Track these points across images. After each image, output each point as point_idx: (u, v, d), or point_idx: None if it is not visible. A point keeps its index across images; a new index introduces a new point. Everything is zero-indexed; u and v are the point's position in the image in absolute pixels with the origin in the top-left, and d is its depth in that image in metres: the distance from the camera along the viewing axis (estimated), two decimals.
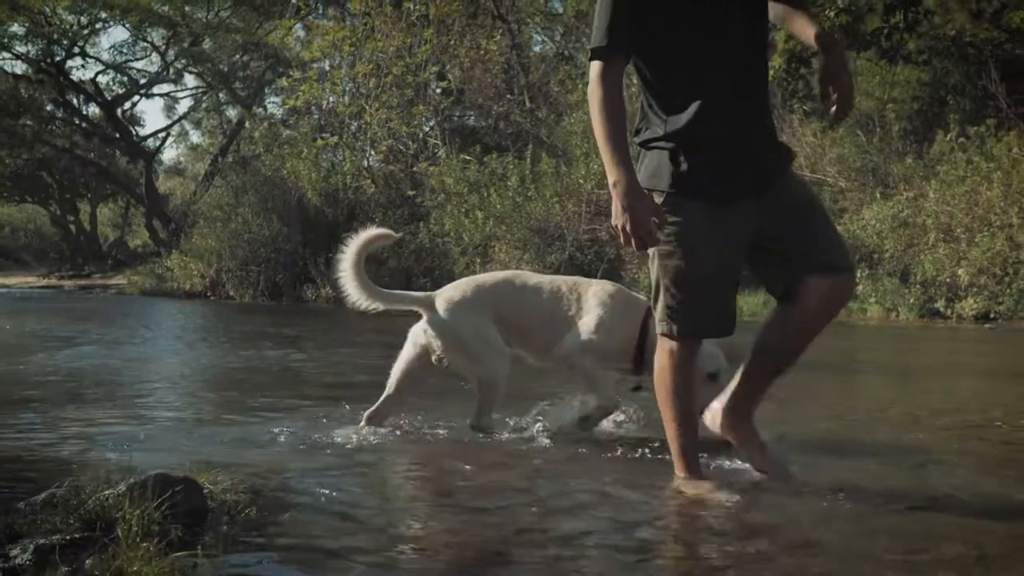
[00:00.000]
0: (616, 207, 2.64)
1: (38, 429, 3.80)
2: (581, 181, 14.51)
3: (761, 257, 2.90)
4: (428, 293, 3.99)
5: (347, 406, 4.22)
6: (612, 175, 2.63)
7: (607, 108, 2.68)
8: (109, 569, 1.51)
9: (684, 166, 2.74)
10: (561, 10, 23.34)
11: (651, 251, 2.81)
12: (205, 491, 2.24)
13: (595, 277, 13.82)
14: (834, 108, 2.79)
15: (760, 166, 2.81)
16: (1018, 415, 4.43)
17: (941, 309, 11.72)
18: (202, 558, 1.68)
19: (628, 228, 2.61)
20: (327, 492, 2.72)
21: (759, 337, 2.98)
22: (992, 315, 11.34)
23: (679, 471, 2.94)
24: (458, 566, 2.16)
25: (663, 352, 2.91)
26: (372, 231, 3.95)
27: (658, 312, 2.89)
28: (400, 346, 3.94)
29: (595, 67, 2.72)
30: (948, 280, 11.71)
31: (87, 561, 1.56)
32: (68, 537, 1.82)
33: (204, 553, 1.76)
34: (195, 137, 43.42)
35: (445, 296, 3.87)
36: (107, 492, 2.03)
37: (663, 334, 2.89)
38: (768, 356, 2.96)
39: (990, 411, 4.56)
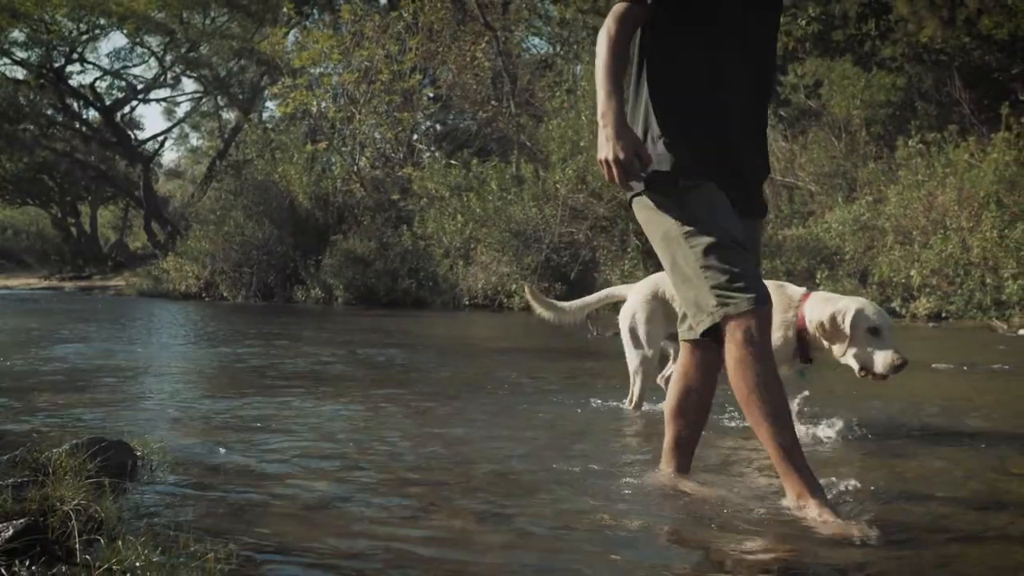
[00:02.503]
0: (601, 139, 2.61)
1: (18, 411, 4.35)
2: (557, 186, 15.02)
3: None
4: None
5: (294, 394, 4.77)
6: (601, 107, 2.62)
7: (616, 46, 2.65)
8: (40, 495, 2.04)
9: (687, 156, 2.69)
10: (554, 13, 23.85)
11: (671, 243, 2.69)
12: (136, 452, 2.79)
13: (569, 278, 14.49)
14: None
15: (752, 192, 2.85)
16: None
17: (897, 308, 12.23)
18: (108, 488, 2.21)
19: (611, 159, 2.56)
20: (240, 456, 3.30)
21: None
22: (943, 314, 11.86)
23: (795, 492, 2.53)
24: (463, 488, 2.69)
25: (734, 342, 2.55)
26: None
27: (706, 302, 2.61)
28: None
29: (618, 6, 2.71)
30: (903, 281, 12.23)
31: (27, 494, 2.09)
32: (19, 480, 2.36)
33: (114, 486, 2.30)
34: (195, 140, 44.13)
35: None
36: (55, 450, 2.57)
37: (728, 316, 2.55)
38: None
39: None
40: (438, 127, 23.11)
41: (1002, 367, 6.67)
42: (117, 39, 37.79)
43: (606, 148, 2.58)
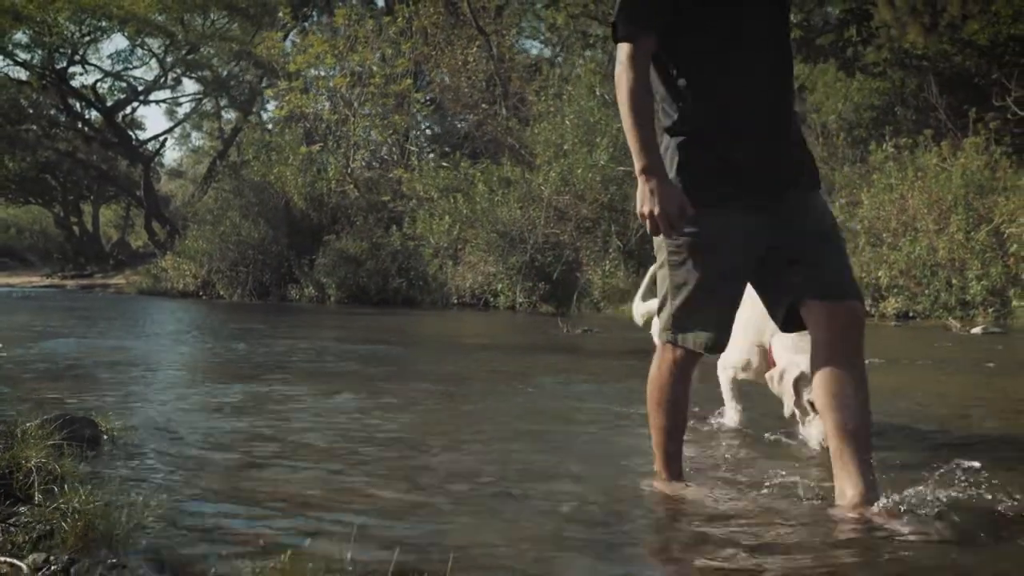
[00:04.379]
0: (643, 193, 2.62)
1: (7, 396, 4.78)
2: (542, 187, 15.44)
3: (769, 277, 2.84)
4: None
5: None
6: (639, 161, 2.62)
7: (636, 92, 2.62)
8: (9, 455, 2.46)
9: (693, 172, 2.72)
10: (549, 17, 24.26)
11: (660, 260, 2.86)
12: (101, 427, 3.22)
13: (552, 278, 14.90)
14: None
15: (777, 170, 2.75)
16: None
17: (867, 308, 12.63)
18: (66, 451, 2.64)
19: (656, 213, 2.60)
20: (197, 434, 3.72)
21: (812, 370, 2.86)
22: (911, 314, 12.25)
23: (663, 474, 2.99)
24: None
25: (665, 361, 2.90)
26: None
27: (663, 320, 2.87)
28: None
29: (624, 49, 2.65)
30: (873, 282, 12.63)
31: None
32: None
33: (74, 451, 2.72)
34: (197, 140, 44.61)
35: None
36: (27, 424, 2.99)
37: (668, 342, 2.87)
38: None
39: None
40: (432, 129, 23.55)
41: (877, 361, 6.87)
42: (118, 41, 38.33)
43: (650, 202, 2.60)
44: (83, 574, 1.49)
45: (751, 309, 3.90)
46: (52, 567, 1.65)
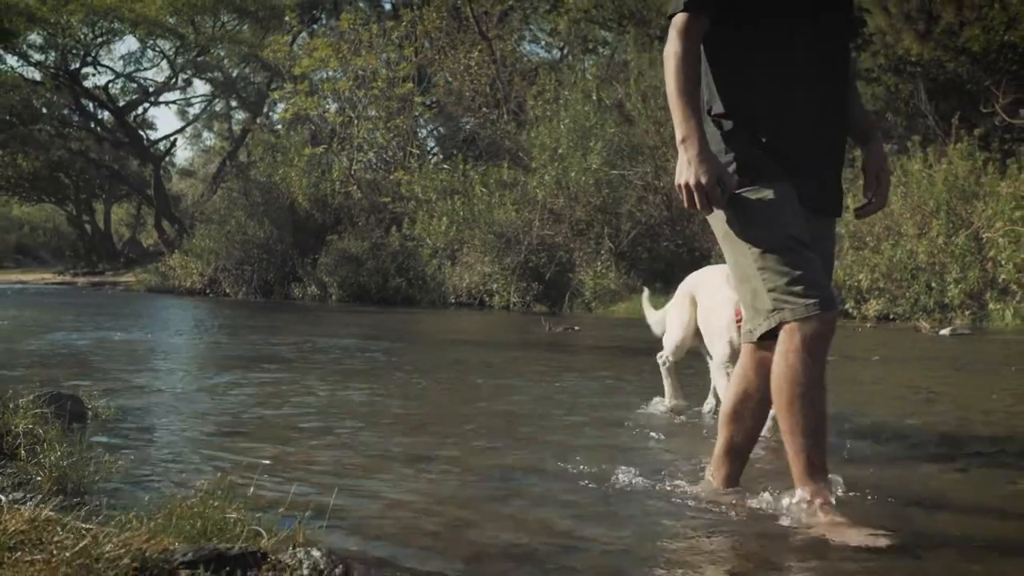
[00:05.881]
0: (682, 164, 2.51)
1: (13, 379, 5.21)
2: (537, 190, 15.83)
3: None
4: None
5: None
6: (681, 131, 2.51)
7: (685, 63, 2.54)
8: (0, 422, 2.88)
9: (744, 153, 2.61)
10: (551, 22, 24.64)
11: (732, 241, 2.63)
12: (88, 405, 3.65)
13: (546, 279, 15.28)
14: (869, 204, 2.84)
15: (831, 181, 2.71)
16: None
17: (849, 310, 12.97)
18: (52, 423, 3.05)
19: (693, 184, 2.47)
20: (174, 413, 4.13)
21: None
22: (891, 316, 12.59)
23: (811, 496, 2.49)
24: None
25: (787, 348, 2.50)
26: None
27: (762, 305, 2.56)
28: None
29: (679, 19, 2.57)
30: (855, 284, 12.97)
31: None
32: None
33: (59, 422, 3.14)
34: (209, 140, 45.20)
35: None
36: (20, 400, 3.41)
37: (784, 321, 2.50)
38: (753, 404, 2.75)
39: None
40: (439, 131, 23.98)
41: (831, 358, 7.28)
42: (130, 43, 38.96)
43: (687, 173, 2.49)
44: (51, 506, 1.88)
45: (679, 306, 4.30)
46: (28, 502, 2.05)
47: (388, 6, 28.86)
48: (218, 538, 1.70)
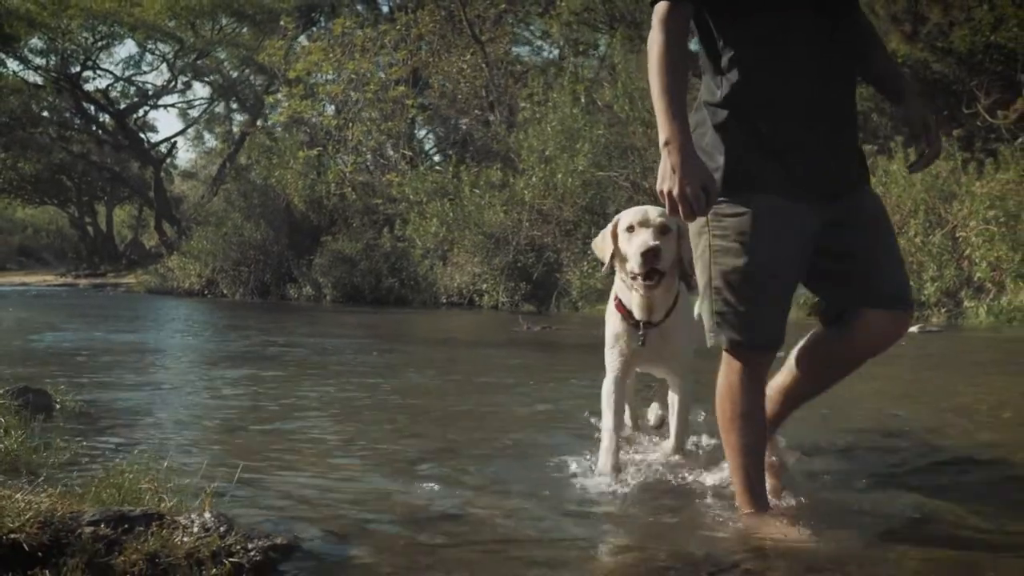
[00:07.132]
0: (664, 169, 2.33)
1: None
2: (524, 192, 16.07)
3: (820, 273, 2.61)
4: None
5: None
6: (664, 132, 2.33)
7: (667, 57, 2.37)
8: None
9: (737, 153, 2.47)
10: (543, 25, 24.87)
11: (700, 249, 2.56)
12: (56, 400, 3.92)
13: (533, 279, 15.54)
14: (922, 157, 2.75)
15: (836, 166, 2.54)
16: None
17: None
18: (14, 410, 3.31)
19: (676, 193, 2.30)
20: (140, 407, 4.40)
21: (798, 360, 2.82)
22: None
23: (745, 507, 2.58)
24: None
25: (730, 370, 2.57)
26: None
27: (708, 322, 2.58)
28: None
29: (660, 7, 2.42)
30: None
31: None
32: None
33: (22, 412, 3.41)
34: (210, 142, 45.50)
35: None
36: None
37: (728, 349, 2.56)
38: (805, 381, 2.81)
39: None
40: (437, 133, 24.26)
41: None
42: (130, 46, 39.37)
43: (671, 180, 2.31)
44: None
45: None
46: None
47: (385, 8, 29.12)
48: (130, 504, 1.96)
